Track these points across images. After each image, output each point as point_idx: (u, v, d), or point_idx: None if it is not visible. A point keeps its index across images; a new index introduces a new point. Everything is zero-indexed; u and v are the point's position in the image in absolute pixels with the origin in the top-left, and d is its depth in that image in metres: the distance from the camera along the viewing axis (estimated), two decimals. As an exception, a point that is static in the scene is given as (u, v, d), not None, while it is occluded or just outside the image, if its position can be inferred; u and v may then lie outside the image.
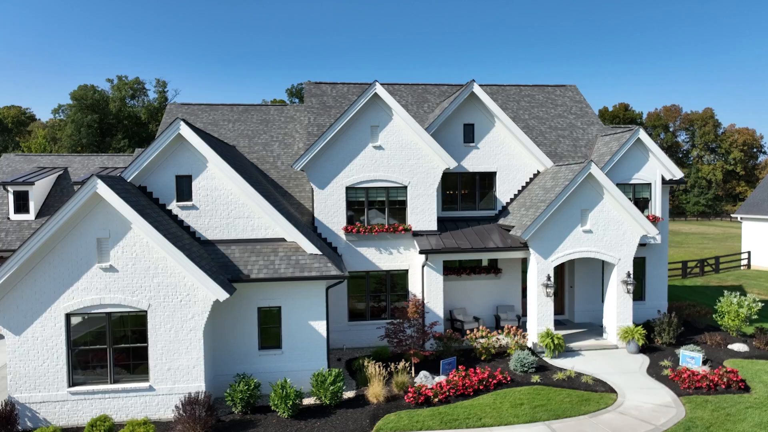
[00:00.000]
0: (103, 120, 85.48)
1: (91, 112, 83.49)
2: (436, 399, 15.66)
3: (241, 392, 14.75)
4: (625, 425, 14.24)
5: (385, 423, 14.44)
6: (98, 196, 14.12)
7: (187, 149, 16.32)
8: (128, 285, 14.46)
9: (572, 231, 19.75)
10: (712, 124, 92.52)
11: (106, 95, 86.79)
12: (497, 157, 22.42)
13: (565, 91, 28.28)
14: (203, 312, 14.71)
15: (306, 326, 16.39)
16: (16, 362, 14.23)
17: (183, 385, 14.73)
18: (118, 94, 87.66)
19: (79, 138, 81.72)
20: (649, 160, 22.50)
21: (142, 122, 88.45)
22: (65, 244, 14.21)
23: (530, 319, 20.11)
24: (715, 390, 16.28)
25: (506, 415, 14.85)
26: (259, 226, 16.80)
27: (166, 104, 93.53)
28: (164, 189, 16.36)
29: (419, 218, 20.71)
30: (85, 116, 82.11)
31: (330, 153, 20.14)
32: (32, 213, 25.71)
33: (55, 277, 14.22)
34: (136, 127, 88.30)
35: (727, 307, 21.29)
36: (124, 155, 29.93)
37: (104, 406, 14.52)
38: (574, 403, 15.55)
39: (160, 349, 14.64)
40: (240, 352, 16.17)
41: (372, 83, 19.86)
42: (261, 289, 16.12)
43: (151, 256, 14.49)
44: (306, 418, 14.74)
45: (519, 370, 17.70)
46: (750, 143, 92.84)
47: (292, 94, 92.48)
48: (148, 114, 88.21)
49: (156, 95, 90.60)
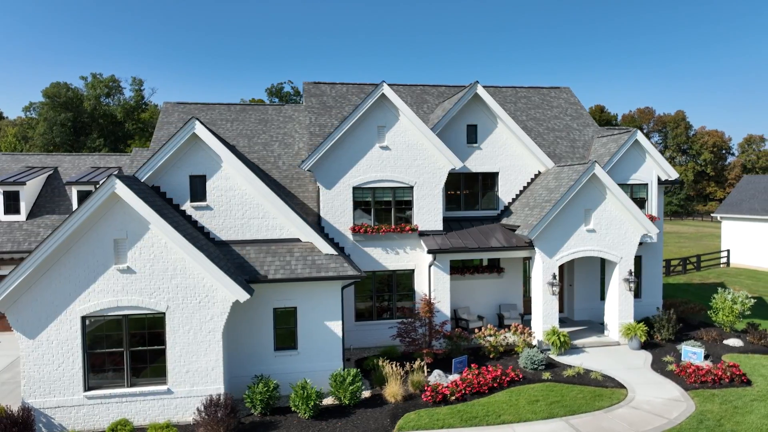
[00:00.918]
0: (77, 118, 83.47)
1: (65, 111, 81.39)
2: (453, 397, 15.82)
3: (261, 393, 14.67)
4: (640, 419, 14.61)
5: (406, 422, 14.54)
6: (116, 196, 13.87)
7: (201, 149, 16.14)
8: (146, 287, 14.24)
9: (576, 230, 20.15)
10: (683, 126, 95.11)
11: (80, 93, 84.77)
12: (499, 157, 22.72)
13: (560, 93, 28.79)
14: (222, 313, 14.58)
15: (321, 326, 16.37)
16: (31, 366, 13.88)
17: (202, 388, 14.57)
18: (92, 92, 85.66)
19: (52, 137, 79.60)
20: (646, 161, 23.09)
21: (118, 121, 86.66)
22: (81, 246, 13.92)
23: (535, 318, 20.44)
24: (719, 384, 16.81)
25: (524, 412, 15.10)
26: (274, 227, 16.72)
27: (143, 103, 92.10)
28: (178, 189, 16.15)
29: (425, 218, 20.85)
30: (58, 114, 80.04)
31: (337, 153, 20.13)
32: (23, 214, 25.02)
33: (71, 279, 13.92)
34: (111, 126, 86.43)
35: (721, 303, 21.98)
36: (116, 155, 29.36)
37: (121, 410, 14.27)
38: (588, 399, 15.89)
39: (179, 351, 14.45)
40: (256, 353, 16.07)
41: (379, 84, 19.93)
42: (277, 290, 16.03)
43: (170, 257, 14.29)
44: (326, 418, 14.74)
45: (529, 368, 17.98)
46: (719, 145, 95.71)
47: (272, 94, 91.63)
48: (125, 113, 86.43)
49: (132, 93, 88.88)
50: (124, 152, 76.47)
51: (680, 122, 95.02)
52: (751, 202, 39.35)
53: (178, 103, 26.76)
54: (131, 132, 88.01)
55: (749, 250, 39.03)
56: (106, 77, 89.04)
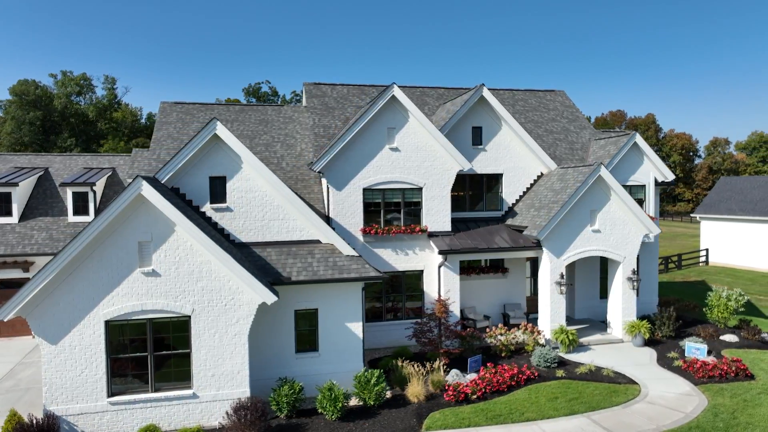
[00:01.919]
0: (47, 117, 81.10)
1: (34, 109, 78.92)
2: (474, 396, 16.03)
3: (286, 396, 14.61)
4: (658, 414, 15.06)
5: (432, 421, 14.67)
6: (141, 197, 13.62)
7: (221, 149, 15.96)
8: (171, 290, 14.02)
9: (582, 231, 20.61)
10: (654, 129, 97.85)
11: (50, 91, 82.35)
12: (503, 159, 23.06)
13: (555, 96, 29.35)
14: (248, 316, 14.46)
15: (342, 328, 16.37)
16: (52, 373, 13.52)
17: (227, 391, 14.42)
18: (63, 90, 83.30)
19: (20, 136, 77.10)
20: (643, 163, 23.76)
21: (90, 120, 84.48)
22: (104, 249, 13.63)
23: (543, 316, 20.81)
24: (725, 378, 17.43)
25: (546, 409, 15.39)
26: (294, 228, 16.64)
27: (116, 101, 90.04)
28: (197, 191, 15.93)
29: (434, 219, 21.02)
30: (26, 113, 77.55)
31: (348, 155, 20.14)
32: (15, 216, 24.26)
33: (94, 283, 13.61)
34: (83, 125, 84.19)
35: (716, 301, 22.76)
36: (109, 155, 28.71)
37: (145, 415, 14.02)
38: (605, 395, 16.29)
39: (204, 355, 14.27)
40: (276, 355, 15.97)
41: (390, 85, 20.02)
42: (298, 292, 15.97)
43: (195, 259, 14.11)
44: (353, 419, 14.76)
45: (542, 365, 18.32)
46: (688, 147, 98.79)
47: (249, 94, 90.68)
48: (97, 112, 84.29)
49: (105, 92, 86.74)
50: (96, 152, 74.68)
51: (650, 125, 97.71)
52: (728, 203, 40.78)
53: (176, 103, 26.33)
54: (104, 132, 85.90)
55: (727, 249, 40.45)
56: (77, 75, 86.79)
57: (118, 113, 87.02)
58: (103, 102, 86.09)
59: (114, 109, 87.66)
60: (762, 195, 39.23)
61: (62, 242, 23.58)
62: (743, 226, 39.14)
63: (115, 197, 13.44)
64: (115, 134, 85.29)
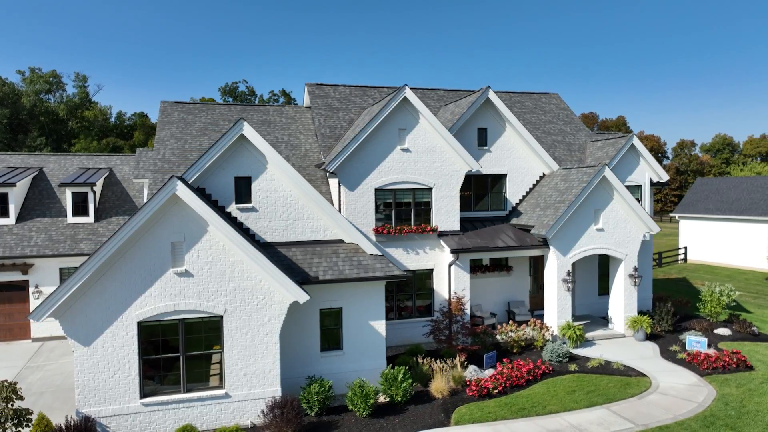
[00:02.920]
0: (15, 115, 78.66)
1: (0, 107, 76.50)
2: (495, 391, 16.46)
3: (317, 394, 14.76)
4: (672, 404, 15.76)
5: (460, 416, 15.03)
6: (175, 198, 13.60)
7: (247, 150, 16.01)
8: (204, 290, 14.03)
9: (587, 230, 21.30)
10: (624, 131, 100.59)
11: (18, 89, 79.88)
12: (507, 160, 23.62)
13: (550, 98, 30.12)
14: (280, 315, 14.57)
15: (366, 326, 16.60)
16: (85, 375, 13.38)
17: (259, 390, 14.49)
18: (31, 88, 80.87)
19: (-15, 134, 74.61)
20: (640, 164, 24.65)
21: (61, 119, 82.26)
22: (137, 250, 13.57)
23: (549, 313, 21.42)
24: (728, 369, 18.29)
25: (567, 402, 15.93)
26: (318, 228, 16.79)
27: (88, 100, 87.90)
28: (223, 191, 15.94)
29: (444, 219, 21.41)
30: (-8, 111, 75.09)
31: (360, 155, 20.35)
32: (12, 217, 23.73)
33: (127, 284, 13.53)
34: (53, 124, 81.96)
35: (709, 296, 23.77)
36: (105, 155, 28.22)
37: (178, 416, 13.99)
38: (619, 388, 16.93)
39: (237, 354, 14.32)
40: (303, 354, 16.10)
41: (402, 87, 20.33)
42: (323, 291, 16.13)
43: (227, 259, 14.15)
44: (382, 415, 15.01)
45: (554, 360, 18.89)
46: (656, 149, 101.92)
47: (226, 93, 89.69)
48: (68, 110, 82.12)
49: (76, 90, 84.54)
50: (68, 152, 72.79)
51: (621, 127, 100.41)
52: (705, 203, 42.41)
53: (176, 103, 26.08)
54: (75, 131, 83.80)
55: (705, 247, 42.05)
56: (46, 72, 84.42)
57: (90, 112, 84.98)
58: (75, 100, 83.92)
59: (86, 108, 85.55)
60: (737, 195, 40.94)
61: (62, 243, 23.17)
62: (720, 225, 40.76)
63: (151, 197, 13.37)
64: (88, 133, 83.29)
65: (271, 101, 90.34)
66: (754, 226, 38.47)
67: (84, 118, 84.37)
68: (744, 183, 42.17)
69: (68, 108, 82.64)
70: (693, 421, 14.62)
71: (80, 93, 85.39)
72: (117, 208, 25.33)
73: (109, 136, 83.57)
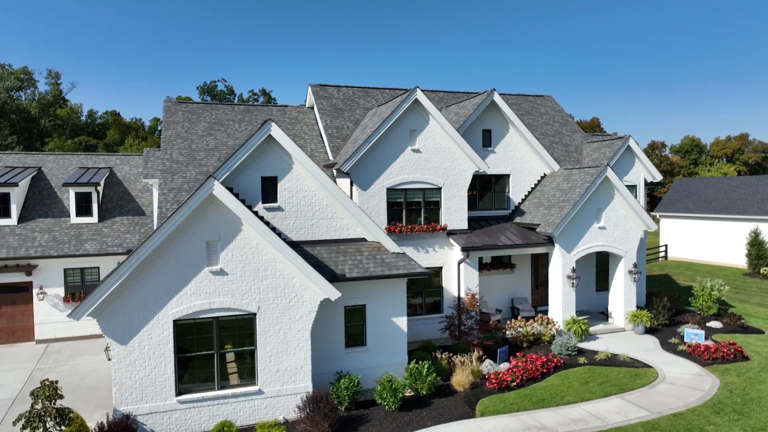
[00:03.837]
0: (-17, 113, 76.41)
1: (-32, 104, 74.29)
2: (514, 383, 17.07)
3: (347, 388, 15.12)
4: (681, 393, 16.60)
5: (484, 407, 15.59)
6: (211, 197, 13.79)
7: (273, 150, 16.25)
8: (238, 288, 14.25)
9: (590, 228, 22.12)
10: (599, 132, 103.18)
11: (-14, 85, 77.58)
12: (510, 160, 24.31)
13: (545, 101, 31.00)
14: (311, 312, 14.88)
15: (388, 323, 17.01)
16: (122, 373, 13.47)
17: (291, 386, 14.78)
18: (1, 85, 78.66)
19: (-47, 133, 72.32)
20: (635, 164, 25.65)
21: (33, 117, 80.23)
22: (173, 249, 13.72)
23: (554, 309, 22.18)
24: (726, 360, 19.27)
25: (582, 392, 16.63)
26: (341, 227, 17.12)
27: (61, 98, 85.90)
28: (250, 190, 16.14)
29: (452, 218, 21.95)
30: (-41, 108, 72.88)
31: (373, 156, 20.74)
32: (14, 217, 23.40)
33: (163, 283, 13.67)
34: (25, 122, 79.86)
35: (700, 291, 24.89)
36: (104, 155, 27.95)
37: (212, 413, 14.18)
38: (629, 378, 17.72)
39: (269, 351, 14.58)
40: (328, 350, 16.42)
41: (413, 89, 20.80)
42: (347, 288, 16.47)
43: (261, 257, 14.40)
44: (410, 409, 15.46)
45: (564, 354, 19.61)
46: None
47: (204, 92, 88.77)
48: (40, 108, 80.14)
49: (49, 87, 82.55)
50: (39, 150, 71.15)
51: (596, 128, 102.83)
52: (684, 202, 44.04)
53: (180, 102, 26.02)
54: (48, 129, 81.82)
55: (685, 245, 43.66)
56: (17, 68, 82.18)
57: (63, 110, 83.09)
58: (47, 98, 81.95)
59: (59, 106, 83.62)
60: (715, 194, 42.64)
61: (67, 244, 22.95)
62: (699, 223, 42.40)
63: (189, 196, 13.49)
64: (62, 132, 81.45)
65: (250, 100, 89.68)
66: (732, 225, 40.15)
67: (57, 116, 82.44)
68: (721, 183, 43.94)
69: (41, 106, 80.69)
70: (704, 408, 15.46)
71: (53, 90, 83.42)
72: (120, 208, 25.15)
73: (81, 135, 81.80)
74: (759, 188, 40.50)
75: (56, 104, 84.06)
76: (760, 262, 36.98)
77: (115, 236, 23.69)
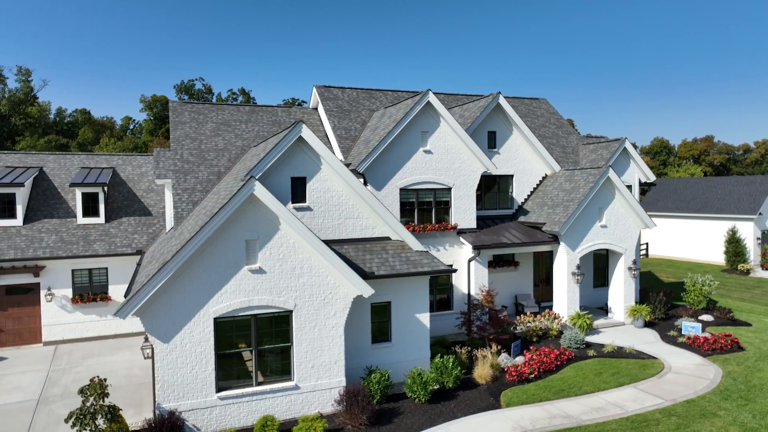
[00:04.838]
0: (-50, 110, 74.00)
1: (-65, 101, 71.89)
2: (532, 375, 17.79)
3: (378, 383, 15.59)
4: (689, 381, 17.57)
5: (508, 399, 16.25)
6: (252, 198, 14.09)
7: (303, 151, 16.58)
8: (275, 286, 14.57)
9: (592, 226, 23.05)
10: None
11: (-46, 82, 75.19)
12: (514, 161, 25.10)
13: (540, 103, 31.95)
14: (345, 309, 15.29)
15: (412, 319, 17.52)
16: (165, 371, 13.66)
17: (325, 381, 15.17)
18: (-31, 82, 76.31)
19: None
20: (630, 165, 26.74)
21: (3, 115, 78.00)
22: (214, 248, 13.96)
23: (559, 304, 23.03)
24: (724, 350, 20.39)
25: (597, 383, 17.45)
26: (367, 226, 17.56)
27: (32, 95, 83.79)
28: (280, 191, 16.44)
29: (462, 217, 22.60)
30: (-75, 106, 70.44)
31: (386, 157, 21.23)
32: (20, 218, 23.10)
33: (204, 282, 13.91)
34: (-6, 120, 77.57)
35: (692, 286, 26.13)
36: (106, 155, 27.68)
37: (251, 408, 14.47)
38: (638, 369, 18.64)
39: (305, 347, 14.93)
40: (356, 346, 16.84)
41: (425, 92, 21.36)
42: (374, 286, 16.83)
43: (297, 256, 14.75)
44: (438, 401, 16.01)
45: (573, 347, 20.44)
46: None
47: (181, 91, 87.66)
48: (10, 106, 77.98)
49: (20, 85, 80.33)
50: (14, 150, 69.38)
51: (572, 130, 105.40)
52: (664, 202, 45.76)
53: (185, 102, 26.05)
54: (19, 128, 79.67)
55: (665, 243, 45.37)
56: (-15, 66, 79.85)
57: (34, 108, 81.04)
58: (18, 96, 79.77)
59: (30, 104, 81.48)
60: (693, 194, 44.44)
61: (75, 245, 22.78)
62: (679, 222, 44.13)
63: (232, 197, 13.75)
64: (33, 131, 79.44)
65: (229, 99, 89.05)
66: (710, 223, 41.94)
67: (28, 114, 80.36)
68: (699, 183, 45.79)
69: (10, 103, 78.51)
70: (713, 395, 16.43)
71: (24, 88, 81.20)
72: (126, 208, 25.03)
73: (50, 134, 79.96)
74: (734, 189, 42.40)
75: (27, 102, 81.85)
76: (738, 258, 38.78)
77: (123, 237, 23.59)
